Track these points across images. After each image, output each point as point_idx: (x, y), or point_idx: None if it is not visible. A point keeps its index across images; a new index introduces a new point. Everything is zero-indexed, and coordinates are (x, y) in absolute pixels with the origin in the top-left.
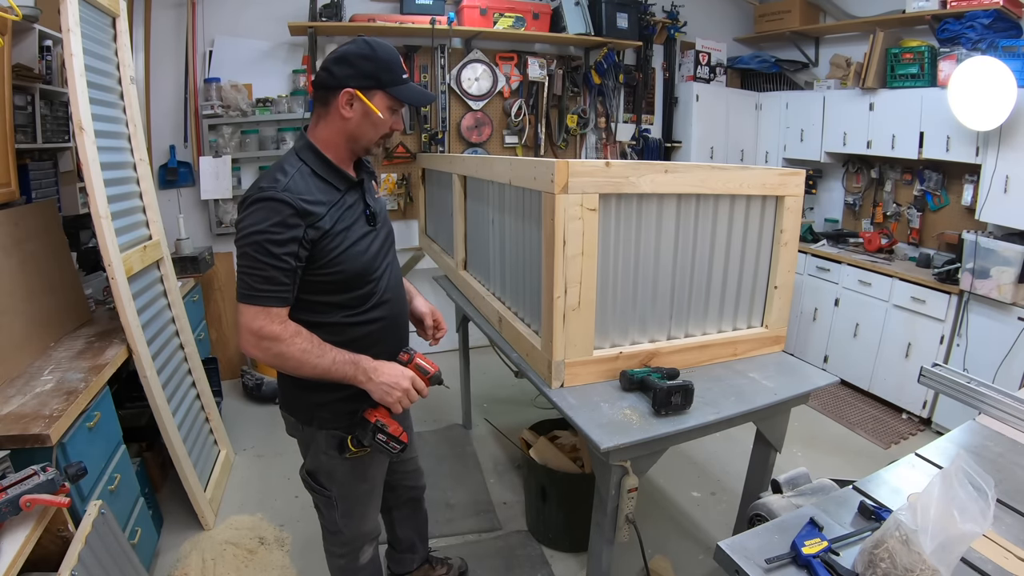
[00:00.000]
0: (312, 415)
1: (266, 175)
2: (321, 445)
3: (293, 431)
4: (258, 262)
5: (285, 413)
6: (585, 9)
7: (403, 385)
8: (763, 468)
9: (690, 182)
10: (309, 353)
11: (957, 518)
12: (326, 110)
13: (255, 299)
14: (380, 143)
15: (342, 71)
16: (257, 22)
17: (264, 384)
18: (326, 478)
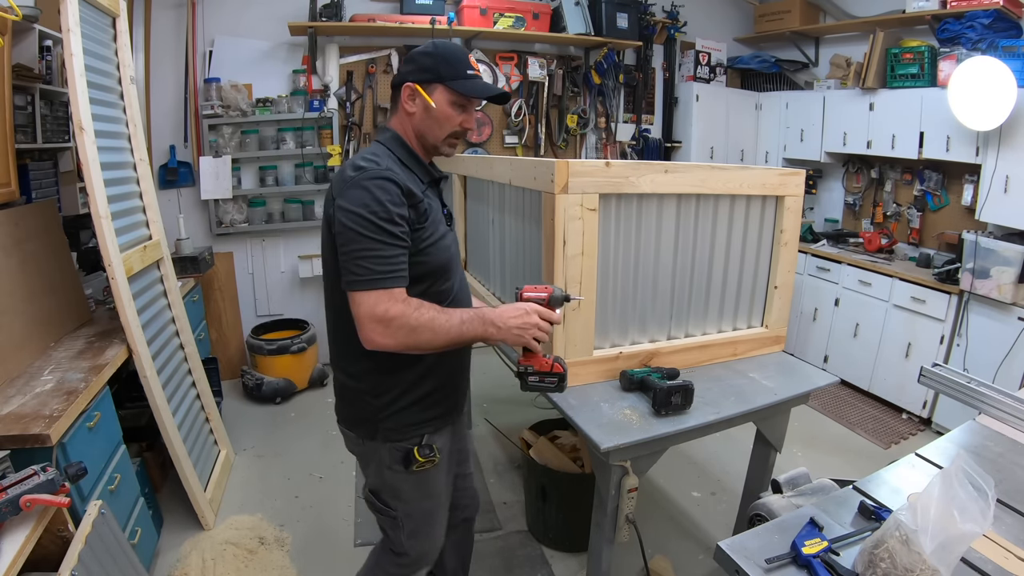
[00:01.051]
0: (376, 428)
1: (357, 158)
2: (385, 460)
3: (353, 446)
4: (375, 242)
5: (344, 428)
6: (585, 9)
7: (532, 320)
8: (763, 468)
9: (690, 182)
10: (438, 320)
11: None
12: (395, 107)
13: (376, 283)
14: (450, 142)
15: (405, 67)
16: (257, 22)
17: (264, 384)
18: (391, 496)
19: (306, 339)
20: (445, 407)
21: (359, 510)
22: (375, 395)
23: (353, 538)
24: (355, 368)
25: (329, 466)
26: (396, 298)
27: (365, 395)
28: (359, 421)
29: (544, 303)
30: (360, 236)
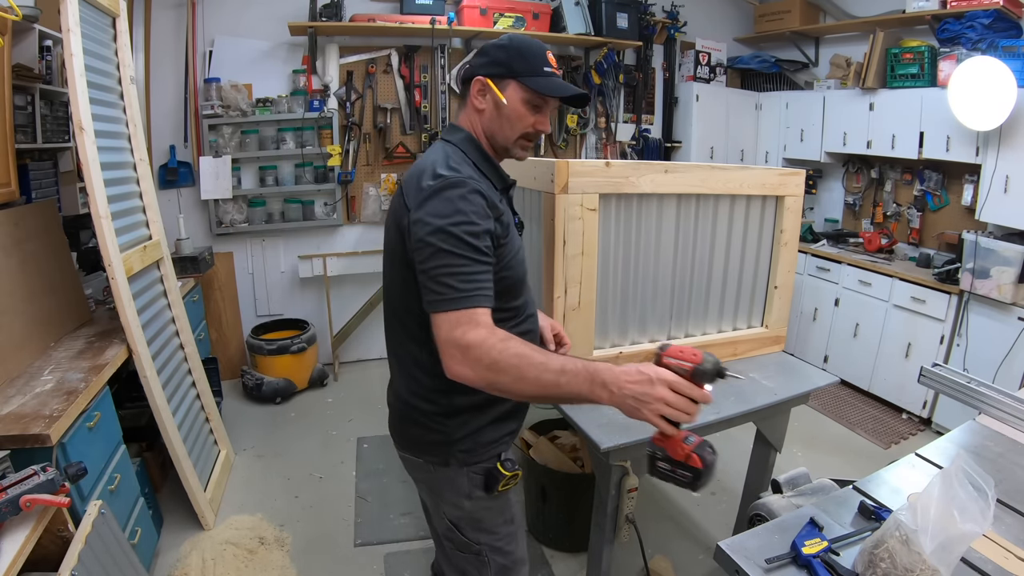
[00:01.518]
0: (449, 452)
1: (434, 163)
2: (463, 488)
3: (418, 473)
4: (460, 258)
5: (408, 455)
6: (585, 9)
7: (656, 392)
8: (763, 468)
9: (690, 182)
10: (531, 359)
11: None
12: (464, 103)
13: (459, 302)
14: (522, 144)
15: (477, 60)
16: (257, 22)
17: (264, 384)
18: (473, 528)
19: (306, 339)
20: (519, 420)
21: (359, 510)
22: (449, 415)
23: (353, 538)
24: (422, 385)
25: (329, 466)
26: (478, 321)
27: (437, 416)
28: (428, 446)
29: (687, 375)
30: (441, 251)
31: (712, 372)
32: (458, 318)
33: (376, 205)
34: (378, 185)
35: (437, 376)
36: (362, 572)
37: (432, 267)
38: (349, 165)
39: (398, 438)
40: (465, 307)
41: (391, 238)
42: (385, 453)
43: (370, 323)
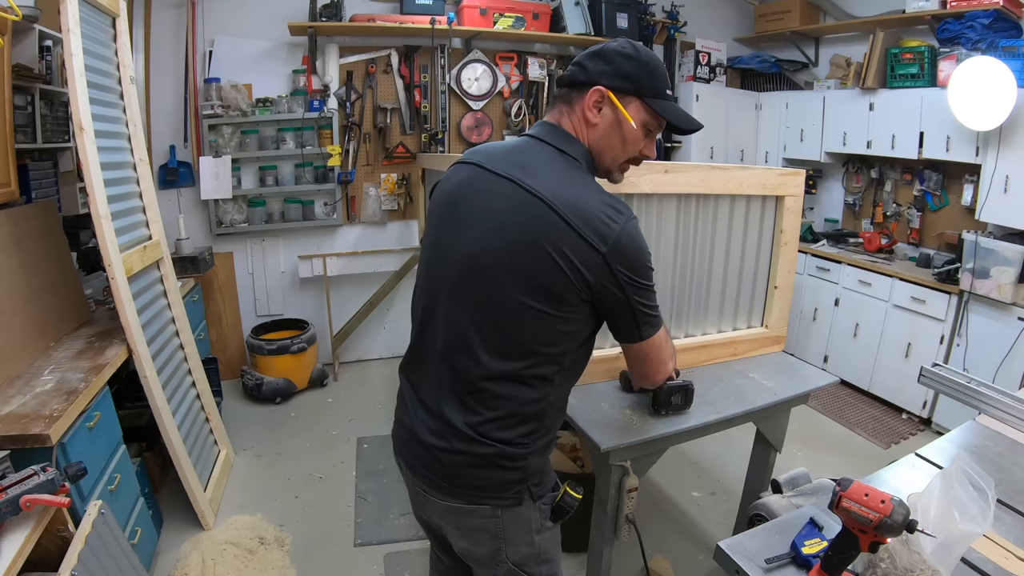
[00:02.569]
0: (526, 489)
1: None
2: (535, 523)
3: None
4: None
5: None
6: (585, 9)
7: None
8: (763, 468)
9: (690, 182)
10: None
11: (957, 518)
12: (571, 109)
13: (660, 323)
14: (624, 167)
15: (597, 66)
16: (257, 22)
17: (264, 384)
18: (538, 562)
19: (306, 339)
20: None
21: (359, 510)
22: (536, 452)
23: (353, 538)
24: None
25: (329, 466)
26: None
27: (526, 456)
28: (504, 487)
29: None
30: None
31: (901, 527)
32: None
33: (376, 205)
34: (378, 185)
35: (543, 416)
36: (362, 572)
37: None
38: (349, 165)
39: (458, 487)
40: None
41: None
42: (385, 453)
43: (370, 323)
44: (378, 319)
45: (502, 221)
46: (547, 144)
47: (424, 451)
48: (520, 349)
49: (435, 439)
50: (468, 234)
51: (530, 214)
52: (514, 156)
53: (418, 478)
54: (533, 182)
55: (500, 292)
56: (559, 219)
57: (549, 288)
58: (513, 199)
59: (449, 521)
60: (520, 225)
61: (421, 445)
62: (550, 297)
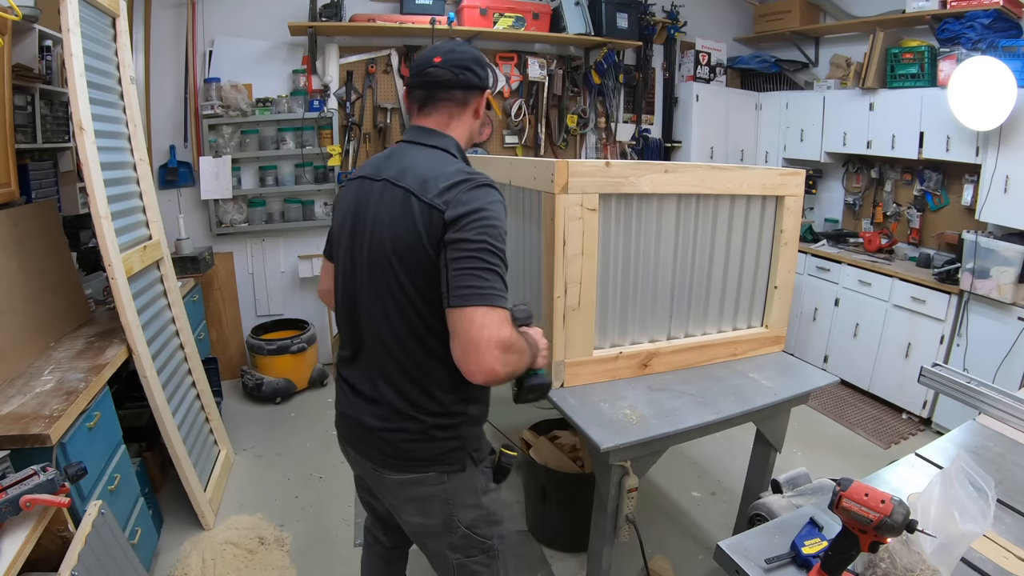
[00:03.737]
0: (466, 454)
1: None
2: (480, 486)
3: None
4: (498, 257)
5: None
6: (585, 9)
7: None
8: (763, 468)
9: (690, 182)
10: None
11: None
12: (461, 110)
13: (501, 300)
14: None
15: (480, 73)
16: (257, 22)
17: (264, 384)
18: (488, 524)
19: (306, 339)
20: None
21: (359, 510)
22: (472, 422)
23: (353, 538)
24: (448, 398)
25: (329, 466)
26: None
27: (463, 425)
28: (447, 455)
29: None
30: (487, 247)
31: (901, 527)
32: (503, 317)
33: None
34: None
35: (456, 389)
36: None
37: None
38: (349, 165)
39: (406, 461)
40: (504, 306)
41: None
42: None
43: None
44: None
45: (385, 219)
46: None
47: (370, 435)
48: (425, 328)
49: (378, 422)
50: (368, 238)
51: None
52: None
53: (369, 460)
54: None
55: (397, 282)
56: (417, 200)
57: (426, 270)
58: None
59: (401, 496)
60: (394, 218)
61: (367, 430)
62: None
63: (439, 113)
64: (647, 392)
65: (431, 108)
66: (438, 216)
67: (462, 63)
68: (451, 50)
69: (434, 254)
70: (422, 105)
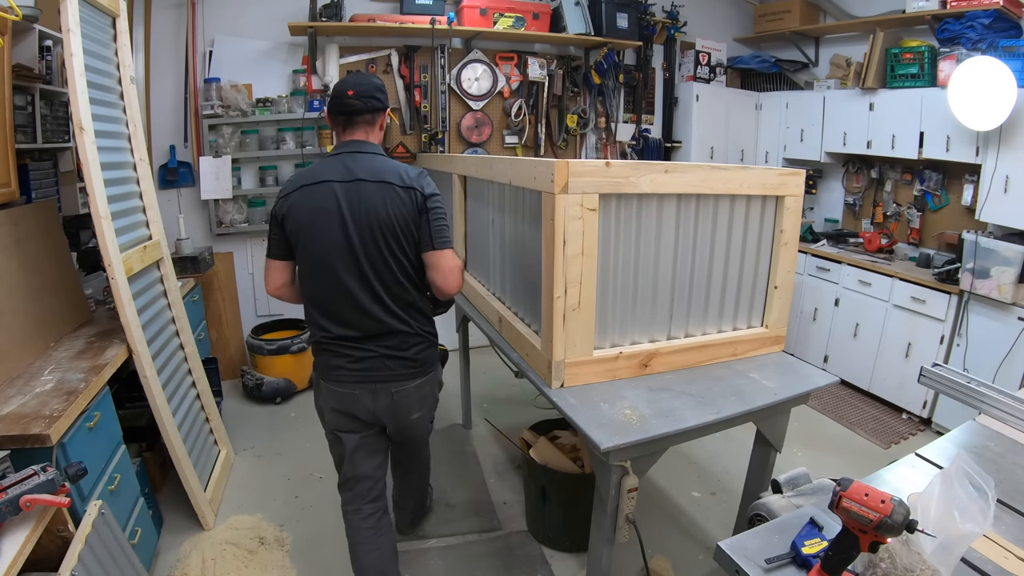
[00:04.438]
0: (436, 356)
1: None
2: (439, 376)
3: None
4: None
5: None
6: (585, 9)
7: None
8: (763, 468)
9: (690, 182)
10: None
11: (957, 518)
12: (373, 127)
13: (452, 243)
14: None
15: (385, 96)
16: (257, 22)
17: (264, 384)
18: (433, 408)
19: (306, 339)
20: None
21: None
22: (429, 335)
23: None
24: (427, 321)
25: (329, 466)
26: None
27: (433, 337)
28: (431, 359)
29: (870, 527)
30: (445, 213)
31: (901, 527)
32: (453, 252)
33: None
34: None
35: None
36: None
37: (442, 224)
38: None
39: (422, 366)
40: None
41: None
42: None
43: None
44: None
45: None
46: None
47: (393, 362)
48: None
49: (395, 351)
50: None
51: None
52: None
53: (391, 382)
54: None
55: (397, 243)
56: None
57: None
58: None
59: (415, 397)
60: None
61: (390, 359)
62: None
63: (361, 131)
64: (647, 392)
65: (353, 128)
66: (418, 194)
67: (368, 93)
68: (358, 83)
69: (417, 218)
70: (346, 127)
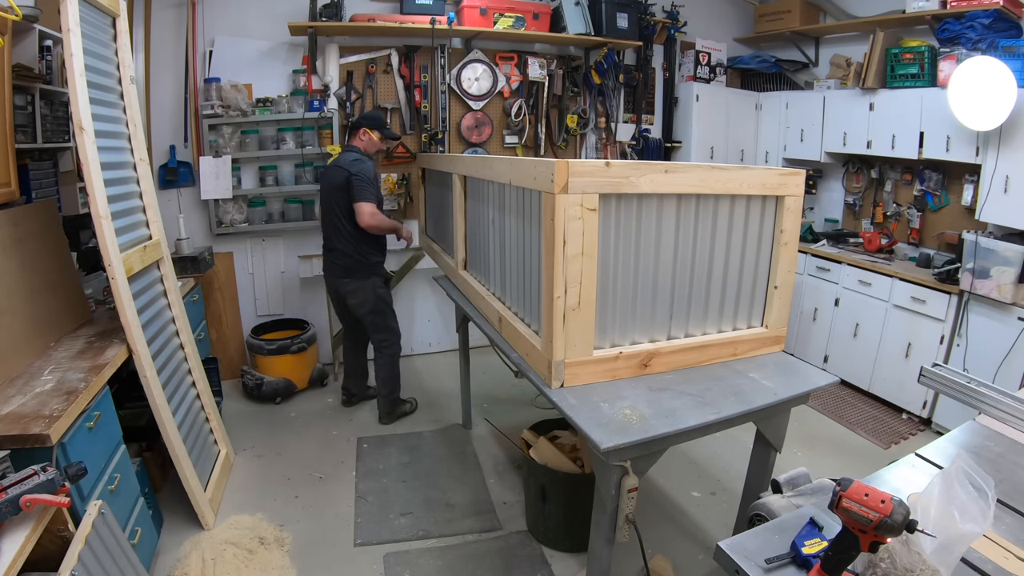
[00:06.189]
0: (370, 271)
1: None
2: (378, 285)
3: (349, 287)
4: (363, 183)
5: (350, 280)
6: (585, 9)
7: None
8: (763, 468)
9: (690, 182)
10: (382, 216)
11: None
12: (355, 136)
13: (370, 197)
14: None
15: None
16: (257, 22)
17: (264, 384)
18: (386, 305)
19: (306, 339)
20: (383, 255)
21: (359, 510)
22: (370, 259)
23: (353, 538)
24: (362, 247)
25: (329, 466)
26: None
27: (368, 258)
28: (363, 269)
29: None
30: (366, 182)
31: (901, 527)
32: (368, 203)
33: None
34: None
35: (360, 242)
36: (362, 572)
37: (362, 187)
38: None
39: (346, 275)
40: (370, 201)
41: (338, 187)
42: (385, 453)
43: None
44: None
45: (336, 180)
46: (351, 151)
47: (338, 267)
48: (349, 215)
49: (337, 259)
50: (329, 188)
51: (340, 173)
52: (341, 158)
53: (337, 277)
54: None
55: (343, 200)
56: (344, 170)
57: (346, 192)
58: (337, 172)
59: (350, 290)
60: (339, 178)
61: (336, 265)
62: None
63: (353, 138)
64: (647, 392)
65: (351, 136)
66: (347, 172)
67: (357, 119)
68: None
69: (347, 186)
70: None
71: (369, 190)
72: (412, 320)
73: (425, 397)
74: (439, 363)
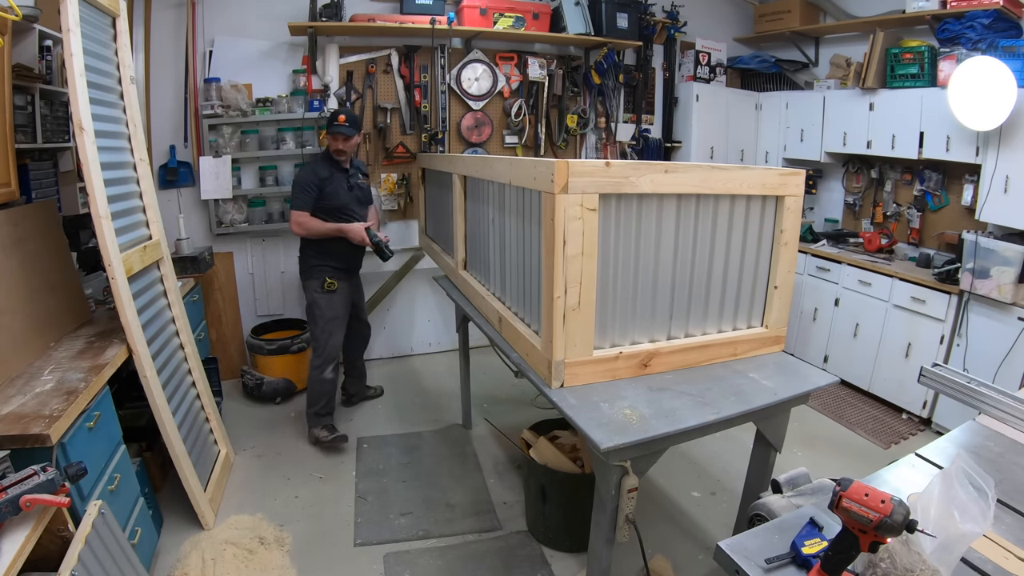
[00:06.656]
0: (311, 271)
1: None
2: (315, 287)
3: (305, 283)
4: (298, 191)
5: (304, 280)
6: (585, 9)
7: (360, 233)
8: (763, 468)
9: (690, 182)
10: (315, 222)
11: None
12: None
13: (301, 205)
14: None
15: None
16: (257, 22)
17: (264, 384)
18: (321, 308)
19: (306, 339)
20: (336, 266)
21: (359, 510)
22: (312, 264)
23: (353, 538)
24: (306, 250)
25: (329, 466)
26: (303, 212)
27: (309, 261)
28: (305, 272)
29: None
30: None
31: (901, 527)
32: (298, 212)
33: (376, 205)
34: (378, 185)
35: (305, 242)
36: (362, 572)
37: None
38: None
39: (302, 274)
40: (300, 208)
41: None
42: (385, 453)
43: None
44: (378, 319)
45: None
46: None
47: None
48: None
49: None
50: None
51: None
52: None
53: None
54: None
55: None
56: None
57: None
58: None
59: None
60: None
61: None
62: None
63: None
64: (647, 392)
65: None
66: None
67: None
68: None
69: None
70: None
71: (302, 197)
72: (412, 320)
73: (425, 397)
74: (439, 363)
